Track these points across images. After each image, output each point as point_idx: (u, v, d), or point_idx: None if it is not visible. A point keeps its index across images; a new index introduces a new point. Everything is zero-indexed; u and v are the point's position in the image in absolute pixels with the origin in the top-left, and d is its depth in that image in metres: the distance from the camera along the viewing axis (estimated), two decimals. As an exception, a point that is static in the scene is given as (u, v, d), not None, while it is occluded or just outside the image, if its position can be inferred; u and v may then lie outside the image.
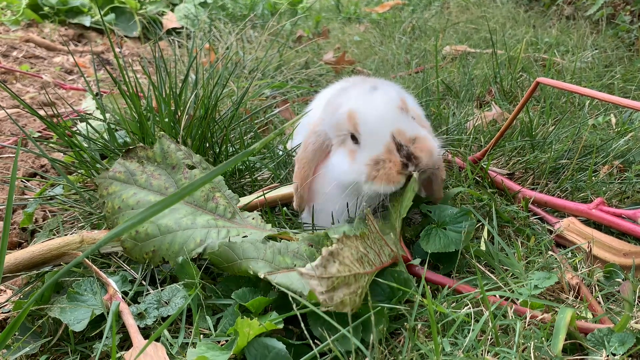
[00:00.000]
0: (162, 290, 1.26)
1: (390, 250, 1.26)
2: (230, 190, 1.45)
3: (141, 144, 1.48)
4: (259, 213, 1.42)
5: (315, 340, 1.08)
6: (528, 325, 1.13)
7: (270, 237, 1.29)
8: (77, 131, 1.87)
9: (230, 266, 1.21)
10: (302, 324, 1.05)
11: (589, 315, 1.18)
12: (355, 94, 1.41)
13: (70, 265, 0.72)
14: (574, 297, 1.26)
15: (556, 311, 1.16)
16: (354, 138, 1.37)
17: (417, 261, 1.31)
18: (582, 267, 1.36)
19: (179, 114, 1.80)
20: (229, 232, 1.33)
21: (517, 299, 1.20)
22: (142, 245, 1.32)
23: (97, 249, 1.16)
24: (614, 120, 2.20)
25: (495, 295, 1.22)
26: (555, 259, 1.36)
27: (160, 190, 1.42)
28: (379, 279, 1.19)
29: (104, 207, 1.41)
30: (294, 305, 1.08)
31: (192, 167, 1.46)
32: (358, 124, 1.34)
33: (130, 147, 1.47)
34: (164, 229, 1.33)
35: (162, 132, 1.50)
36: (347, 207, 1.40)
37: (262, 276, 1.14)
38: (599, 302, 1.24)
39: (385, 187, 1.31)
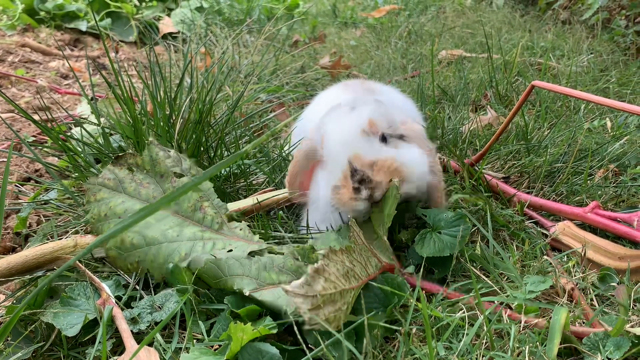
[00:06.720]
0: (155, 295, 1.25)
1: (377, 261, 1.24)
2: (219, 199, 1.41)
3: (130, 151, 1.45)
4: (247, 224, 1.40)
5: (310, 345, 1.07)
6: (523, 329, 1.13)
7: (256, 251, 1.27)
8: (72, 135, 1.87)
9: (217, 283, 1.21)
10: (296, 328, 1.05)
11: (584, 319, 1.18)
12: (334, 115, 1.40)
13: (62, 268, 0.72)
14: (568, 301, 1.25)
15: (551, 316, 1.15)
16: None
17: (411, 269, 1.30)
18: (577, 271, 1.35)
19: (174, 118, 1.80)
20: (215, 245, 1.31)
21: (512, 303, 1.20)
22: (126, 256, 1.30)
23: (88, 253, 1.16)
24: (609, 124, 2.20)
25: (493, 302, 1.21)
26: (550, 263, 1.36)
27: (148, 200, 1.39)
28: (373, 283, 1.18)
29: (90, 213, 1.39)
30: (290, 314, 1.07)
31: (180, 176, 1.42)
32: (324, 148, 1.36)
33: (120, 154, 1.44)
34: (150, 240, 1.30)
35: (151, 139, 1.45)
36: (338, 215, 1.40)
37: (247, 294, 1.14)
38: (593, 306, 1.24)
39: (346, 211, 1.30)
